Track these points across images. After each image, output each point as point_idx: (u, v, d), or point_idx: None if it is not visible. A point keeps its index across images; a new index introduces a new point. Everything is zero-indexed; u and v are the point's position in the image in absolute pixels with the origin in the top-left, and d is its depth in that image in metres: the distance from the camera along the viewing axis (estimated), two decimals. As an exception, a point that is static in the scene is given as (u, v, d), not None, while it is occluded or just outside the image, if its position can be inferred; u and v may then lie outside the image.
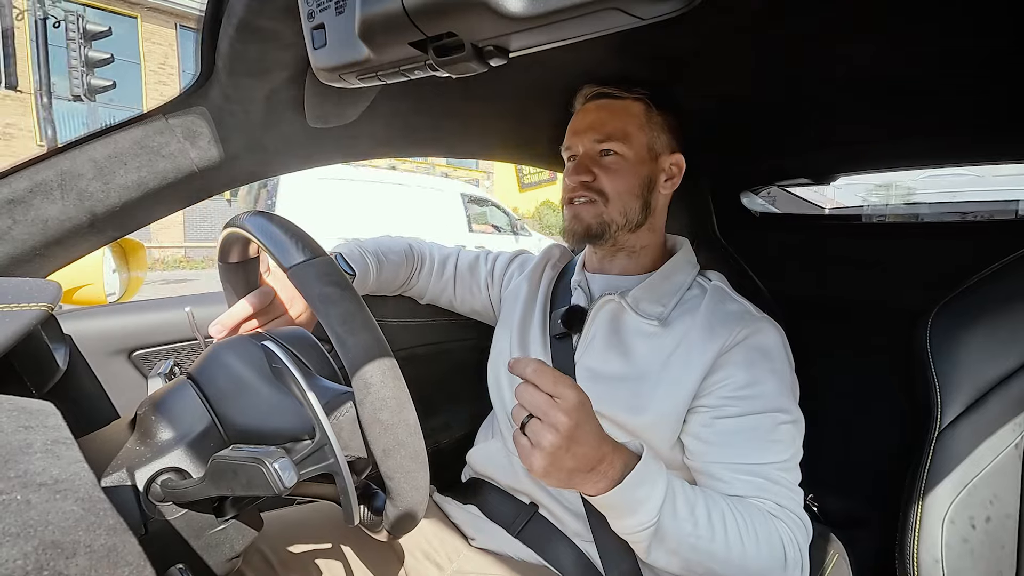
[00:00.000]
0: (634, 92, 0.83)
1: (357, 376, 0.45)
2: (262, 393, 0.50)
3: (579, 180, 0.82)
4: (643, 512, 0.60)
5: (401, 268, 1.00)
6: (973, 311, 0.78)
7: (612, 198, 0.82)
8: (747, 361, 0.72)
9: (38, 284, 0.57)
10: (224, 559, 0.47)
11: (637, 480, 0.59)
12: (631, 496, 0.60)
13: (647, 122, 0.83)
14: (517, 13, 0.34)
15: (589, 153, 0.84)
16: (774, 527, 0.65)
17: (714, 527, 0.62)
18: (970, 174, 3.46)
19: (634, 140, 0.82)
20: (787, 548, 0.65)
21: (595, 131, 0.83)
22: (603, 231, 0.83)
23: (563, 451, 0.56)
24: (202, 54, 0.61)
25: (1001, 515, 0.72)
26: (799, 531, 0.67)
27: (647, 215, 0.84)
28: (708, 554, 0.62)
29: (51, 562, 0.27)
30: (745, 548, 0.62)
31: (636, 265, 0.87)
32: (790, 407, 0.72)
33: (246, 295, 0.71)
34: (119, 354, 0.91)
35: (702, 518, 0.62)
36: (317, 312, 0.47)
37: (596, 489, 0.60)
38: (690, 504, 0.63)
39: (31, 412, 0.38)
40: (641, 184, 0.83)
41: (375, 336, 0.47)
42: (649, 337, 0.79)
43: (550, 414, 0.56)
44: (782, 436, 0.71)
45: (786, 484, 0.69)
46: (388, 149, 1.00)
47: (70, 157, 0.60)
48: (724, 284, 0.84)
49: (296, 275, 0.49)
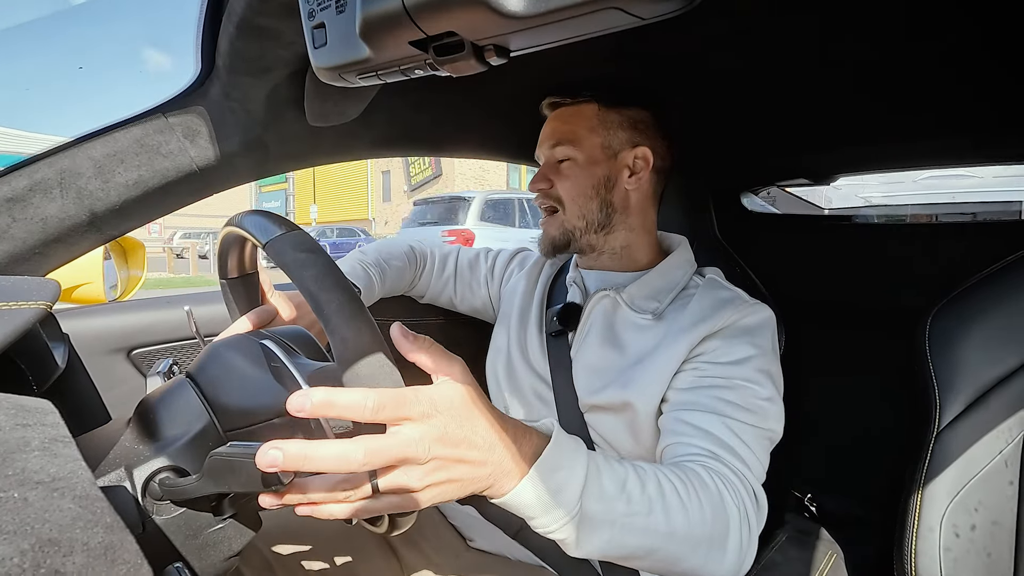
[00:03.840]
0: (583, 95, 0.85)
1: (334, 334, 0.44)
2: (255, 375, 0.50)
3: (536, 187, 0.86)
4: (563, 502, 0.48)
5: (405, 271, 1.01)
6: (973, 311, 0.78)
7: (567, 203, 0.85)
8: (733, 337, 0.73)
9: (37, 282, 0.57)
10: (222, 558, 0.47)
11: (550, 466, 0.48)
12: (545, 486, 0.47)
13: (599, 123, 0.84)
14: (517, 12, 0.34)
15: (549, 162, 0.87)
16: (715, 486, 0.59)
17: (650, 498, 0.53)
18: (970, 175, 3.46)
19: (584, 142, 0.84)
20: (729, 508, 0.58)
21: (549, 139, 0.86)
22: (568, 240, 0.86)
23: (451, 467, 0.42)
24: (202, 52, 0.61)
25: (1003, 514, 0.72)
26: (747, 495, 0.61)
27: (610, 214, 0.85)
28: (648, 531, 0.53)
29: (48, 560, 0.27)
30: (689, 515, 0.55)
31: (626, 263, 0.88)
32: (764, 382, 0.70)
33: (247, 311, 0.71)
34: (118, 352, 0.91)
35: (635, 492, 0.53)
36: (293, 278, 0.46)
37: (507, 486, 0.46)
38: (619, 480, 0.52)
39: (29, 410, 0.38)
40: (595, 184, 0.84)
41: (349, 296, 0.46)
42: (641, 329, 0.80)
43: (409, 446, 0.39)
44: (752, 406, 0.68)
45: (742, 452, 0.64)
46: (388, 148, 1.00)
47: (69, 155, 0.60)
48: (718, 276, 0.85)
49: (272, 248, 0.49)
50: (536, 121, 0.89)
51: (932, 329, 0.80)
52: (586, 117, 0.85)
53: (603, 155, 0.84)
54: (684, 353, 0.73)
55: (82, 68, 61.18)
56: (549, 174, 0.86)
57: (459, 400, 0.44)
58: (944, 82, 0.78)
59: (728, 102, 0.94)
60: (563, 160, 0.85)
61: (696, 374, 0.72)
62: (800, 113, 0.95)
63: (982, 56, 0.70)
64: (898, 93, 0.82)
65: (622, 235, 0.86)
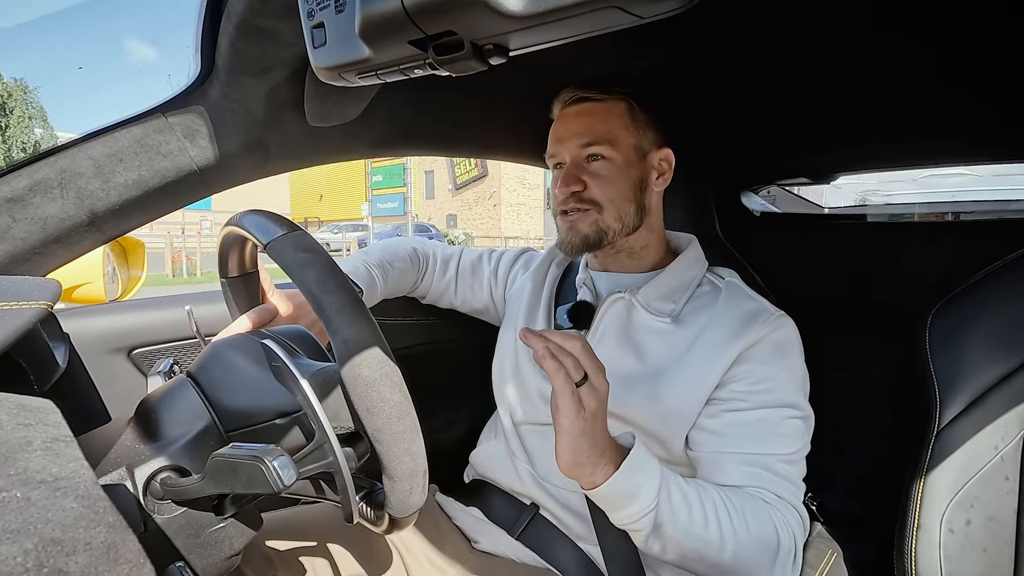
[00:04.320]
0: (615, 92, 0.81)
1: (335, 335, 0.44)
2: (264, 401, 0.50)
3: (569, 191, 0.79)
4: (642, 498, 0.60)
5: (408, 272, 1.00)
6: (973, 311, 0.78)
7: (606, 206, 0.79)
8: (765, 358, 0.73)
9: (38, 282, 0.57)
10: (223, 557, 0.47)
11: (633, 467, 0.60)
12: (629, 482, 0.60)
13: (632, 121, 0.81)
14: (517, 12, 0.34)
15: (576, 161, 0.80)
16: (767, 515, 0.66)
17: (707, 516, 0.62)
18: (970, 174, 3.46)
19: (621, 142, 0.79)
20: (780, 535, 0.65)
21: (580, 136, 0.80)
22: (600, 239, 0.80)
23: (593, 424, 0.58)
24: (202, 52, 0.61)
25: (1002, 513, 0.72)
26: (794, 520, 0.67)
27: (643, 217, 0.82)
28: (702, 542, 0.62)
29: (51, 559, 0.27)
30: (737, 536, 0.63)
31: (640, 263, 0.86)
32: (800, 402, 0.73)
33: (247, 310, 0.71)
34: (119, 352, 0.91)
35: (696, 507, 0.63)
36: (294, 279, 0.47)
37: (592, 481, 0.60)
38: (683, 492, 0.63)
39: (31, 410, 0.38)
40: (633, 187, 0.80)
41: (351, 297, 0.46)
42: (662, 335, 0.78)
43: (598, 379, 0.59)
44: (789, 430, 0.71)
45: (785, 475, 0.69)
46: (388, 148, 1.00)
47: (69, 156, 0.60)
48: (738, 281, 0.84)
49: (273, 249, 0.49)
50: (538, 120, 0.88)
51: (932, 328, 0.80)
52: (619, 115, 0.80)
53: (636, 156, 0.81)
54: (719, 375, 0.72)
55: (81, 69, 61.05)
56: (581, 175, 0.79)
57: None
58: (944, 82, 0.78)
59: (728, 101, 0.94)
60: (594, 158, 0.80)
61: (733, 407, 0.72)
62: (800, 113, 0.95)
63: (982, 56, 0.70)
64: (898, 93, 0.82)
65: (643, 235, 0.84)
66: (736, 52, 0.77)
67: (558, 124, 0.84)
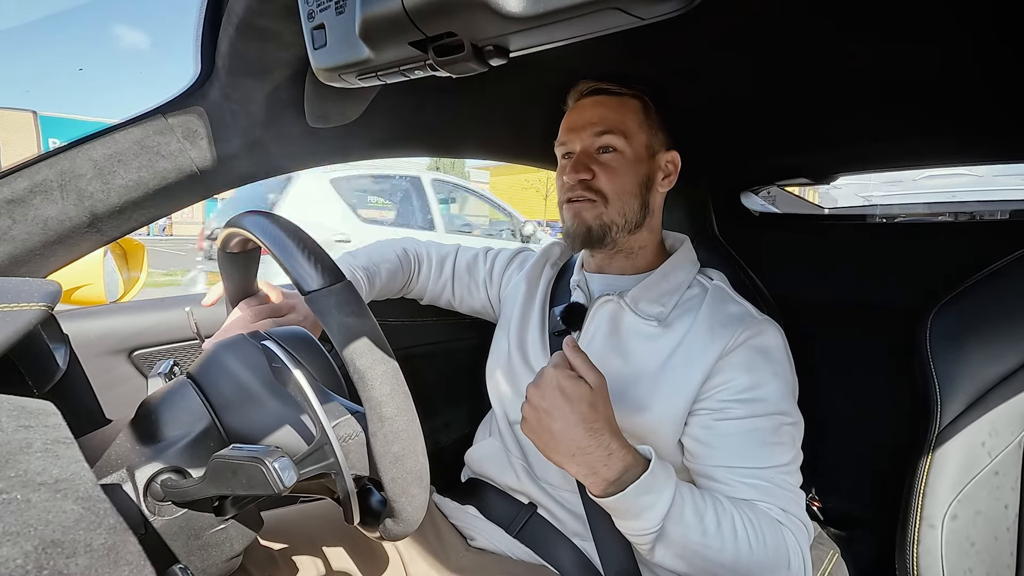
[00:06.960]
0: (632, 88, 0.82)
1: (372, 408, 0.46)
2: (264, 402, 0.50)
3: (578, 178, 0.79)
4: (646, 519, 0.61)
5: (397, 275, 1.00)
6: (973, 311, 0.78)
7: (611, 198, 0.79)
8: (748, 363, 0.72)
9: (38, 284, 0.57)
10: (224, 559, 0.47)
11: (642, 489, 0.61)
12: (634, 503, 0.61)
13: (645, 119, 0.81)
14: (517, 13, 0.34)
15: (587, 150, 0.81)
16: (782, 536, 0.66)
17: (723, 536, 0.63)
18: (970, 174, 3.46)
19: (634, 137, 0.80)
20: (792, 557, 0.66)
21: (594, 126, 0.80)
22: (604, 234, 0.80)
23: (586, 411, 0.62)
24: (202, 54, 0.61)
25: (1003, 513, 0.72)
26: (802, 536, 0.68)
27: (646, 215, 0.82)
28: (715, 562, 0.63)
29: (51, 561, 0.27)
30: (753, 557, 0.63)
31: (634, 265, 0.86)
32: (790, 409, 0.72)
33: (243, 288, 0.71)
34: (119, 354, 0.91)
35: (711, 527, 0.63)
36: (336, 341, 0.47)
37: (595, 485, 0.62)
38: (699, 513, 0.63)
39: (31, 412, 0.38)
40: (639, 183, 0.81)
41: (392, 369, 0.47)
42: (649, 339, 0.78)
43: (587, 370, 0.64)
44: (783, 439, 0.71)
45: (788, 487, 0.69)
46: (387, 149, 1.00)
47: (70, 157, 0.60)
48: (725, 284, 0.83)
49: (315, 302, 0.48)
50: (539, 121, 0.89)
51: (933, 328, 0.80)
52: (633, 111, 0.81)
53: (645, 154, 0.81)
54: (700, 380, 0.72)
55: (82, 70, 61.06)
56: (591, 164, 0.79)
57: (606, 394, 0.65)
58: (944, 82, 0.78)
59: (728, 102, 0.94)
60: (605, 150, 0.80)
61: (724, 415, 0.71)
62: (800, 113, 0.95)
63: (981, 56, 0.70)
64: (898, 93, 0.82)
65: (643, 235, 0.84)
66: (736, 52, 0.77)
67: (572, 113, 0.84)
